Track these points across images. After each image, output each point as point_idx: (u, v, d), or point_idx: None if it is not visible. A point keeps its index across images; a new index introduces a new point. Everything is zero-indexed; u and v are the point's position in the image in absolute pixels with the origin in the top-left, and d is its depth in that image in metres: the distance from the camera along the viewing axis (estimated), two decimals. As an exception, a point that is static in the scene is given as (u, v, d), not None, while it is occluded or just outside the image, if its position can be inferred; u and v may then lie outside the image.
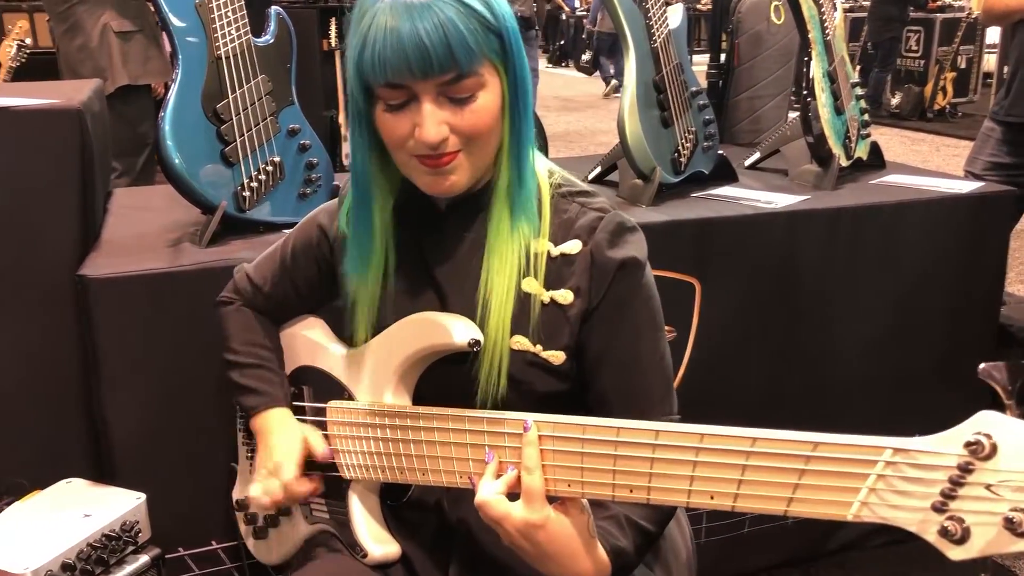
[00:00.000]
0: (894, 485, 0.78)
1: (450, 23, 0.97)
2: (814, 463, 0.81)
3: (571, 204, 1.14)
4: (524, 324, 1.11)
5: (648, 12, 2.08)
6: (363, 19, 1.00)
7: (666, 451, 0.89)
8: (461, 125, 1.03)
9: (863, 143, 2.42)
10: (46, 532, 1.45)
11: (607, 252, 1.10)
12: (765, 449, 0.83)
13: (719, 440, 0.86)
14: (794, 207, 2.06)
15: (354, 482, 1.21)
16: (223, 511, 1.73)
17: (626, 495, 0.92)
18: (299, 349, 1.32)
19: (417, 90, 1.00)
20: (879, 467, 0.78)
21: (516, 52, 1.05)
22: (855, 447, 0.80)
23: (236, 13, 1.82)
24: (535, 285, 1.11)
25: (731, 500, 0.85)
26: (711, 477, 0.86)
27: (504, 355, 1.09)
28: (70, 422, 1.74)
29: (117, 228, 1.89)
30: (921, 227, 2.15)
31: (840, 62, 2.31)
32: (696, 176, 2.25)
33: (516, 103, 1.07)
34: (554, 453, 0.96)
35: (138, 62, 3.38)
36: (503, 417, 1.02)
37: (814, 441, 0.82)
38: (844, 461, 0.80)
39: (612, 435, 0.92)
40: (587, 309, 1.11)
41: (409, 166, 1.07)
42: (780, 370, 2.12)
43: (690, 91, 2.21)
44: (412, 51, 0.97)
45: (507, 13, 1.04)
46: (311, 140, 1.96)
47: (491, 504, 0.97)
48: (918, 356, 2.24)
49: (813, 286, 2.09)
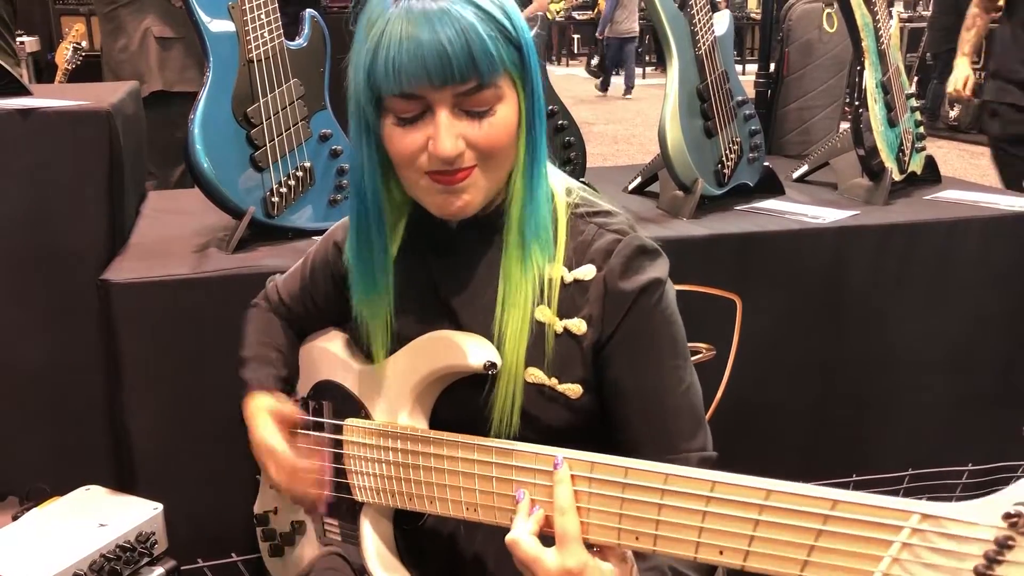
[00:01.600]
0: (921, 556, 0.68)
1: (472, 29, 0.91)
2: (832, 523, 0.72)
3: (588, 225, 1.07)
4: (538, 356, 1.03)
5: (693, 18, 2.01)
6: (373, 27, 0.93)
7: (674, 498, 0.81)
8: (478, 140, 0.96)
9: (918, 157, 2.32)
10: (60, 541, 1.42)
11: (622, 279, 1.02)
12: (779, 504, 0.75)
13: (731, 490, 0.78)
14: (843, 222, 1.97)
15: (367, 505, 1.16)
16: (244, 523, 1.69)
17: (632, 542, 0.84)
18: (319, 362, 1.27)
19: (432, 101, 0.94)
20: (904, 534, 0.69)
21: (533, 67, 0.99)
22: (878, 509, 0.71)
23: (270, 16, 1.79)
24: (548, 314, 1.03)
25: (742, 557, 0.77)
26: (721, 530, 0.78)
27: (519, 389, 1.02)
28: (92, 428, 1.71)
29: (147, 232, 1.87)
30: (978, 245, 2.04)
31: (895, 72, 2.21)
32: (740, 188, 2.17)
33: (532, 120, 1.00)
34: (590, 496, 0.88)
35: (175, 69, 3.39)
36: (526, 450, 0.94)
37: (833, 499, 0.72)
38: (865, 524, 0.71)
39: (620, 475, 0.84)
40: (599, 340, 1.03)
41: (419, 186, 1.00)
42: (825, 391, 2.03)
43: (736, 100, 2.13)
44: (431, 57, 0.90)
45: (524, 26, 0.98)
46: (343, 145, 1.92)
47: (522, 544, 0.88)
48: (971, 380, 2.13)
49: (861, 305, 1.99)
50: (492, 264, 1.06)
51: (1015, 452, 2.22)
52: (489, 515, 0.97)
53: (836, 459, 2.06)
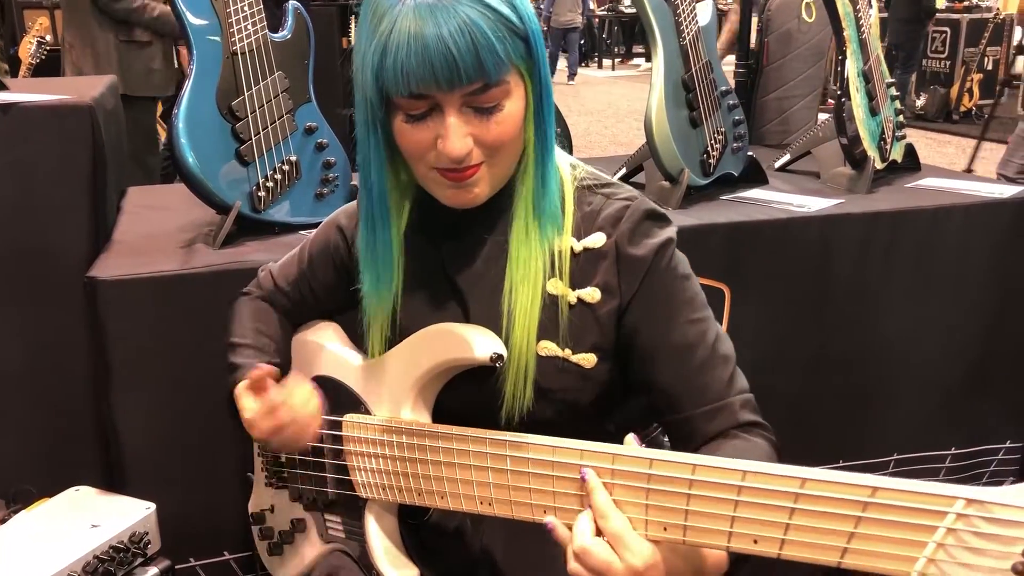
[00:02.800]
0: (966, 541, 0.68)
1: (478, 30, 0.90)
2: (872, 510, 0.72)
3: (595, 196, 1.07)
4: (551, 329, 1.04)
5: (677, 8, 2.01)
6: (381, 22, 0.92)
7: (703, 488, 0.81)
8: (486, 137, 0.96)
9: (898, 145, 2.34)
10: (52, 543, 1.39)
11: (633, 244, 1.03)
12: (816, 492, 0.75)
13: (764, 479, 0.77)
14: (828, 211, 1.99)
15: (371, 501, 1.15)
16: (236, 521, 1.68)
17: (659, 533, 0.84)
18: (312, 357, 1.26)
19: (441, 100, 0.93)
20: (949, 520, 0.69)
21: (541, 55, 0.98)
22: (921, 495, 0.70)
23: (252, 7, 1.77)
24: (560, 286, 1.04)
25: (777, 546, 0.77)
26: (754, 519, 0.78)
27: (531, 364, 1.02)
28: (79, 428, 1.69)
29: (130, 228, 1.84)
30: (961, 232, 2.06)
31: (875, 61, 2.23)
32: (725, 178, 2.18)
33: (541, 108, 1.00)
34: (613, 487, 0.87)
35: (140, 73, 3.39)
36: (542, 443, 0.93)
37: (872, 486, 0.72)
38: (907, 511, 0.70)
39: (645, 467, 0.84)
40: (620, 306, 1.04)
41: (429, 178, 1.01)
42: (812, 378, 2.04)
43: (720, 90, 2.14)
44: (438, 61, 0.89)
45: (531, 14, 0.97)
46: (328, 139, 1.91)
47: (593, 553, 0.84)
48: (955, 364, 2.16)
49: (847, 292, 2.01)
50: (500, 243, 1.06)
51: (995, 435, 2.26)
52: (505, 509, 0.96)
53: (823, 446, 2.07)
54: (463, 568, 1.14)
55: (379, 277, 1.08)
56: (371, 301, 1.10)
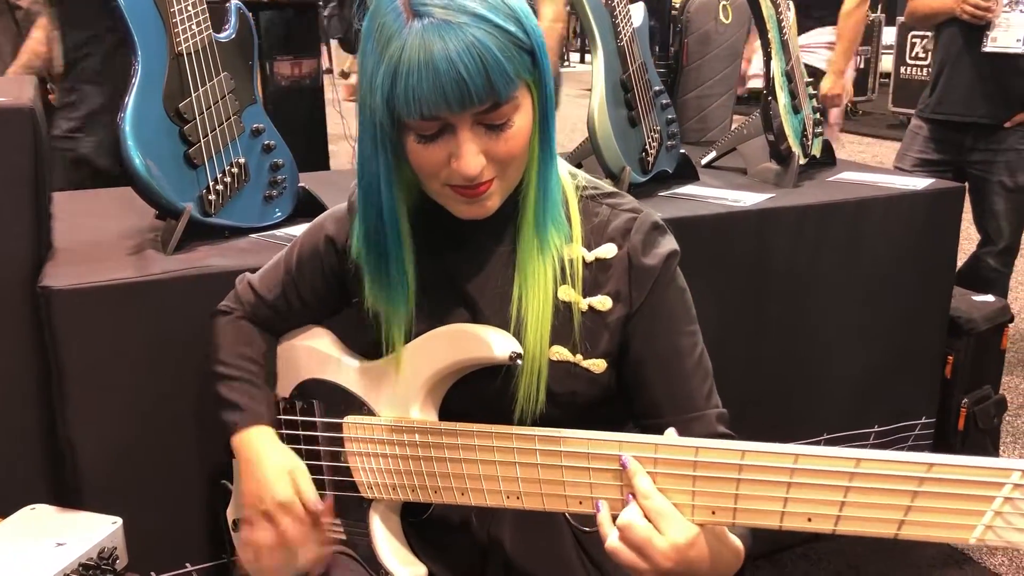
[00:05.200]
0: (1022, 508, 0.76)
1: (487, 52, 0.91)
2: (928, 484, 0.79)
3: (601, 207, 1.11)
4: (563, 334, 1.07)
5: (614, 11, 2.06)
6: (389, 45, 0.92)
7: (754, 472, 0.85)
8: (498, 152, 0.98)
9: (817, 141, 2.46)
10: (17, 565, 1.34)
11: (646, 254, 1.08)
12: (872, 470, 0.81)
13: (816, 461, 0.83)
14: (762, 205, 2.08)
15: (375, 501, 1.15)
16: (196, 532, 1.65)
17: (707, 517, 0.88)
18: (305, 361, 1.25)
19: (453, 120, 0.95)
20: (1007, 490, 0.76)
21: (545, 66, 1.01)
22: (976, 468, 0.78)
23: (196, 7, 1.73)
24: (572, 293, 1.07)
25: (832, 523, 0.83)
26: (808, 499, 0.83)
27: (543, 369, 1.05)
28: (25, 446, 1.62)
29: (69, 235, 1.77)
30: (881, 223, 2.19)
31: (796, 61, 2.34)
32: (660, 175, 2.25)
33: (546, 116, 1.03)
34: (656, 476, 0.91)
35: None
36: (577, 436, 0.96)
37: (928, 463, 0.79)
38: (964, 483, 0.78)
39: (691, 455, 0.88)
40: (629, 314, 1.08)
41: (442, 194, 1.02)
42: (750, 364, 2.13)
43: (654, 90, 2.20)
44: (449, 85, 0.91)
45: (535, 26, 0.98)
46: (276, 140, 1.88)
47: (636, 527, 0.88)
48: (878, 348, 2.29)
49: (781, 283, 2.11)
50: (507, 251, 1.08)
51: (913, 412, 2.41)
52: (535, 502, 0.99)
53: (761, 427, 2.15)
54: (471, 562, 1.16)
55: (391, 295, 1.08)
56: (385, 311, 1.10)
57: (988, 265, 3.20)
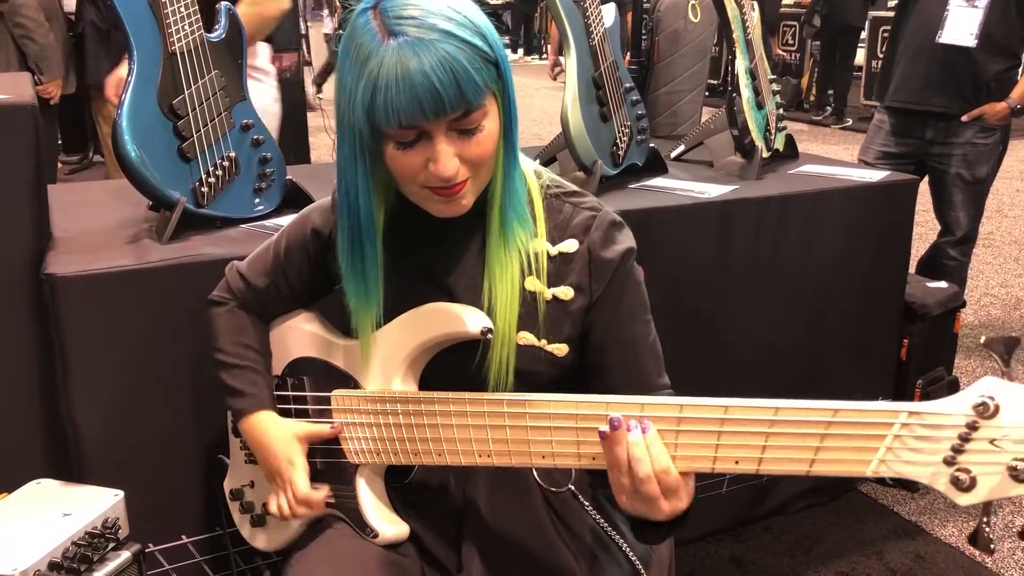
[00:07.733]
0: (908, 444, 0.89)
1: (458, 64, 1.01)
2: (834, 427, 0.92)
3: (564, 205, 1.22)
4: (529, 321, 1.18)
5: (586, 11, 2.17)
6: (368, 62, 1.01)
7: (692, 423, 0.98)
8: (470, 155, 1.08)
9: (780, 135, 2.58)
10: (28, 533, 1.43)
11: (605, 249, 1.19)
12: (787, 417, 0.93)
13: (743, 411, 0.96)
14: (726, 196, 2.20)
15: (361, 467, 1.26)
16: (192, 505, 1.75)
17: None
18: (296, 341, 1.35)
19: (428, 128, 1.05)
20: (896, 428, 0.89)
21: (508, 75, 1.11)
22: (873, 411, 0.91)
23: (188, 8, 1.82)
24: (538, 284, 1.19)
25: (755, 464, 0.95)
26: (736, 444, 0.96)
27: (511, 352, 1.16)
28: (29, 426, 1.71)
29: (67, 225, 1.86)
30: (839, 213, 2.32)
31: (760, 59, 2.46)
32: (630, 168, 2.36)
33: (509, 120, 1.13)
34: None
35: None
36: (541, 399, 1.09)
37: (834, 408, 0.92)
38: (863, 424, 0.91)
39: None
40: (589, 303, 1.20)
41: (420, 195, 1.12)
42: (714, 348, 2.25)
43: (624, 87, 2.31)
44: (425, 96, 1.00)
45: (498, 40, 1.09)
46: (264, 135, 1.98)
47: (634, 442, 1.00)
48: (837, 332, 2.42)
49: (745, 270, 2.23)
50: (479, 245, 1.19)
51: (871, 392, 2.54)
52: (504, 459, 1.11)
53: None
54: (449, 520, 1.27)
55: (366, 290, 1.18)
56: (359, 309, 1.20)
57: (947, 254, 3.35)
